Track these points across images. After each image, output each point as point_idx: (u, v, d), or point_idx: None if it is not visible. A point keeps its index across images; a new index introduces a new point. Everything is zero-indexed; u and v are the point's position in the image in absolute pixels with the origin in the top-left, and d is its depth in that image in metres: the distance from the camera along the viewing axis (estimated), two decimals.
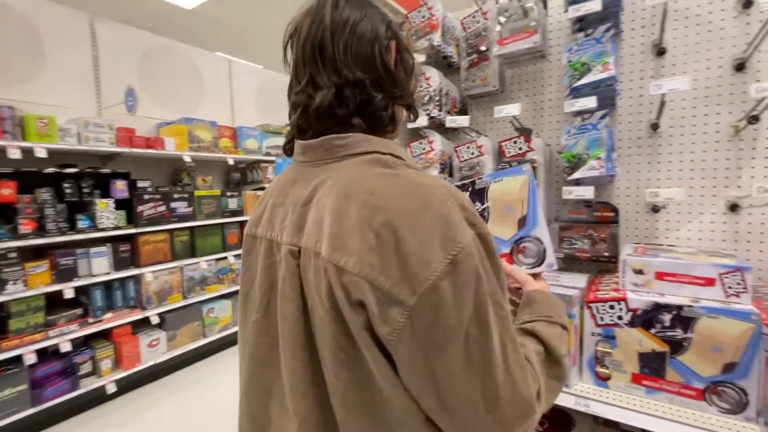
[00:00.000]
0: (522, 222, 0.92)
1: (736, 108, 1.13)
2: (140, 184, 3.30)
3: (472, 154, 1.44)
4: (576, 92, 1.14)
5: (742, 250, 1.14)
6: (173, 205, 3.27)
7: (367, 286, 0.46)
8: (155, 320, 3.14)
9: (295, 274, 0.54)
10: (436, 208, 0.47)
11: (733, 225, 1.16)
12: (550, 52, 1.39)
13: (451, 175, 1.49)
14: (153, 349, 3.09)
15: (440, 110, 1.42)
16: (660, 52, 1.22)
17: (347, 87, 0.56)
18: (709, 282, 0.91)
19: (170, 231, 3.26)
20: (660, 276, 0.96)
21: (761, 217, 1.12)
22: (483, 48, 1.42)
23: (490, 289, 0.48)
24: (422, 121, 1.42)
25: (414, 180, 0.50)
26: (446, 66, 1.59)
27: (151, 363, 3.06)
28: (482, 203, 0.96)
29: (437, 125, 1.48)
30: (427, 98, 1.42)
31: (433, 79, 1.42)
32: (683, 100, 1.20)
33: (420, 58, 1.41)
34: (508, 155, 1.35)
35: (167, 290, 3.26)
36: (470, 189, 0.97)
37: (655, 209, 1.25)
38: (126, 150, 3.01)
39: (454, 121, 1.35)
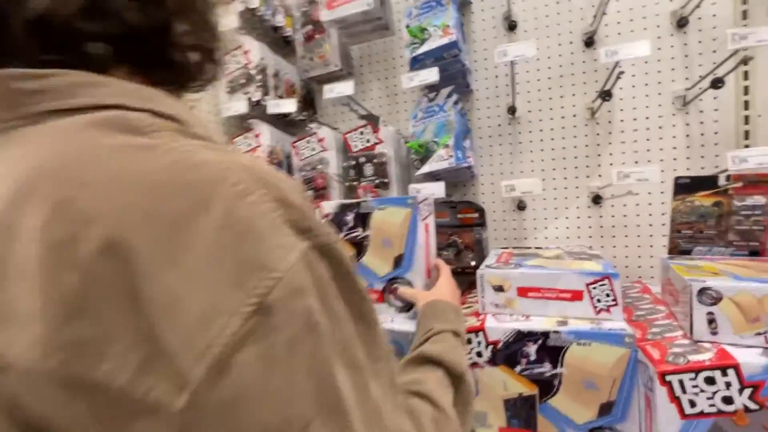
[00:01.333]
0: (398, 261, 0.79)
1: (590, 88, 1.01)
2: None
3: (313, 150, 1.13)
4: (417, 64, 0.90)
5: (608, 246, 1.02)
6: None
7: (61, 391, 0.21)
8: None
9: None
10: (222, 207, 0.24)
11: (597, 219, 1.03)
12: (400, 27, 1.16)
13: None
14: None
15: (265, 94, 1.09)
16: (511, 26, 1.05)
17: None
18: (577, 296, 0.71)
19: None
20: (522, 292, 0.75)
21: (623, 209, 1.00)
22: (319, 18, 1.13)
23: (341, 338, 0.27)
24: (240, 107, 1.07)
25: (185, 158, 0.26)
26: (283, 43, 1.27)
27: None
28: (363, 229, 0.82)
29: (277, 116, 1.15)
30: (244, 78, 1.08)
31: (253, 53, 1.08)
32: (538, 80, 1.05)
33: (232, 22, 1.06)
34: (354, 150, 1.07)
35: None
36: (355, 212, 0.83)
37: (521, 206, 1.07)
38: None
39: (277, 105, 1.03)
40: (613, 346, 0.67)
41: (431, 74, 0.86)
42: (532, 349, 0.71)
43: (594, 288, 0.70)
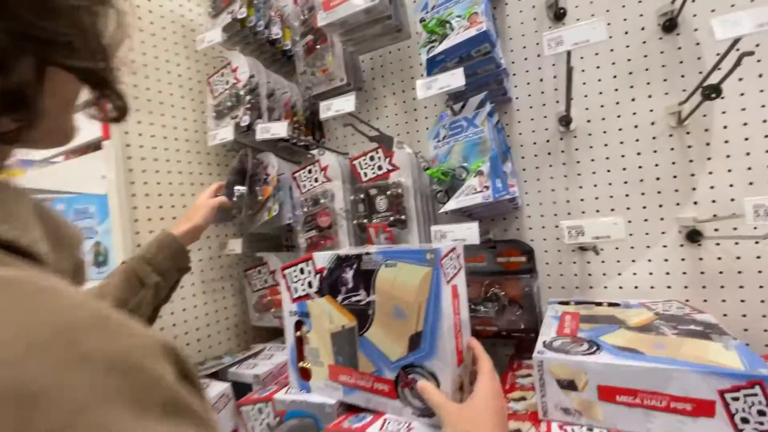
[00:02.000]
0: (416, 340, 0.55)
1: (673, 86, 0.75)
2: None
3: (316, 180, 0.93)
4: (436, 68, 0.68)
5: (714, 300, 0.73)
6: None
7: None
8: None
9: None
10: None
11: (696, 262, 0.74)
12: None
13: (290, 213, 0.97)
14: None
15: (256, 116, 0.91)
16: (558, 14, 0.82)
17: None
18: (704, 408, 0.44)
19: None
20: (608, 394, 0.49)
21: (735, 248, 0.71)
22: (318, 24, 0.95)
23: None
24: (225, 133, 0.90)
25: None
26: (284, 59, 1.10)
27: None
28: (367, 292, 0.60)
29: (277, 143, 0.97)
30: (232, 100, 0.91)
31: (241, 69, 0.91)
32: (599, 81, 0.80)
33: (215, 35, 0.90)
34: (364, 179, 0.86)
35: None
36: (354, 266, 0.62)
37: (584, 248, 0.81)
38: None
39: (266, 130, 0.84)
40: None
41: (455, 78, 0.64)
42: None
43: (734, 399, 0.43)
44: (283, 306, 0.72)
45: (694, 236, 0.73)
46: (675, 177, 0.75)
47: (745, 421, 0.42)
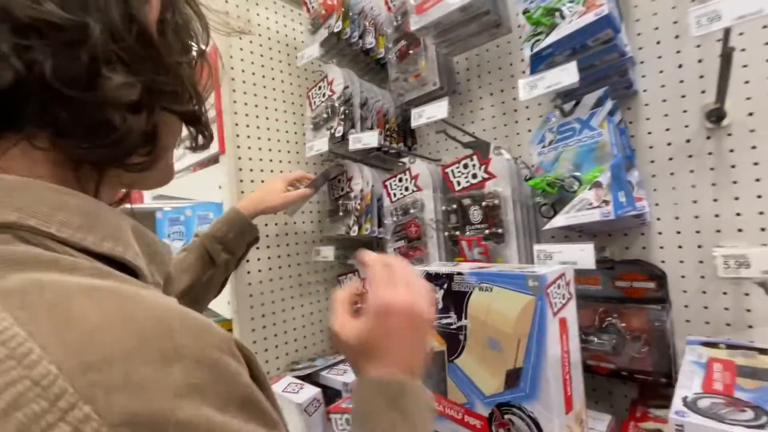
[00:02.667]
0: (514, 377, 0.48)
1: None
2: None
3: (406, 189, 0.91)
4: (542, 63, 0.60)
5: None
6: None
7: None
8: None
9: None
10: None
11: None
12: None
13: (380, 225, 0.96)
14: None
15: (350, 126, 0.93)
16: None
17: (23, 39, 0.21)
18: None
19: None
20: None
21: None
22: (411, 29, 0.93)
23: None
24: (320, 145, 0.93)
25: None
26: (378, 67, 1.11)
27: None
28: (459, 317, 0.55)
29: (369, 152, 0.98)
30: (327, 112, 0.94)
31: (336, 81, 0.94)
32: (767, 61, 0.62)
33: (313, 51, 0.94)
34: (457, 188, 0.81)
35: None
36: (444, 287, 0.57)
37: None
38: None
39: (359, 140, 0.85)
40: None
41: (566, 74, 0.55)
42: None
43: None
44: None
45: None
46: None
47: None
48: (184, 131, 0.33)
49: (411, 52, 0.94)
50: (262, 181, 1.01)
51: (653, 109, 0.72)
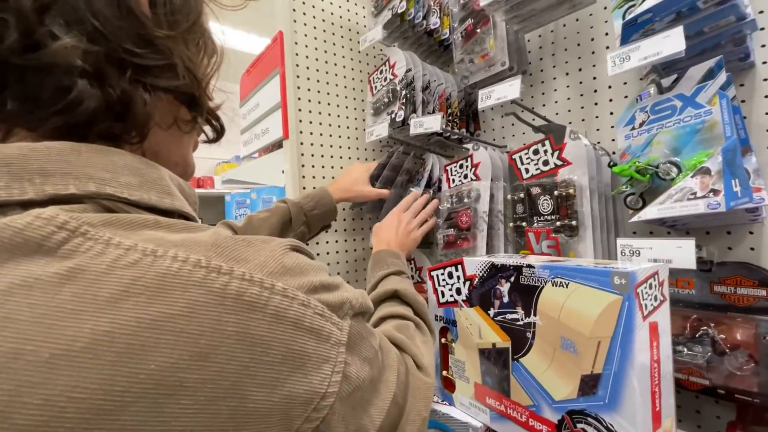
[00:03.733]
0: (590, 384, 0.44)
1: None
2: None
3: (465, 177, 0.87)
4: (636, 33, 0.52)
5: None
6: None
7: None
8: None
9: None
10: (234, 335, 0.20)
11: None
12: None
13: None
14: None
15: (411, 111, 0.90)
16: None
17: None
18: None
19: None
20: None
21: None
22: (480, 4, 0.87)
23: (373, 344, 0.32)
24: (381, 130, 0.91)
25: (130, 281, 0.19)
26: (442, 49, 1.06)
27: None
28: (526, 312, 0.50)
29: (429, 137, 0.95)
30: (388, 96, 0.91)
31: (398, 65, 0.91)
32: None
33: (376, 34, 0.92)
34: (525, 176, 0.76)
35: None
36: (512, 279, 0.53)
37: None
38: None
39: (420, 124, 0.81)
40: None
41: (670, 42, 0.47)
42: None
43: None
44: (429, 309, 0.69)
45: None
46: None
47: None
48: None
49: (478, 30, 0.89)
50: (323, 167, 1.02)
51: None
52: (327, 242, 1.03)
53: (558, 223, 0.70)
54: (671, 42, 0.46)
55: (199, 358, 0.18)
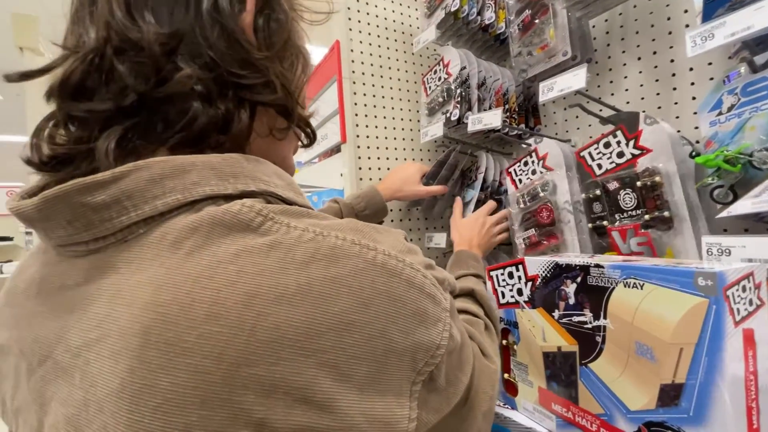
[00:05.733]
0: (671, 395, 0.40)
1: None
2: None
3: (533, 173, 0.83)
4: (721, 6, 0.47)
5: None
6: None
7: None
8: None
9: None
10: (383, 295, 0.26)
11: None
12: None
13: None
14: None
15: (467, 109, 0.88)
16: None
17: (123, 50, 0.28)
18: None
19: None
20: None
21: None
22: None
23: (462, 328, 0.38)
24: (435, 130, 0.91)
25: (315, 250, 0.26)
26: (498, 44, 1.04)
27: None
28: (595, 315, 0.48)
29: (486, 135, 0.93)
30: (443, 95, 0.91)
31: (453, 63, 0.91)
32: None
33: (429, 34, 0.92)
34: (598, 172, 0.71)
35: None
36: (578, 280, 0.50)
37: None
38: None
39: (478, 120, 0.80)
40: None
41: (760, 15, 0.41)
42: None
43: None
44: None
45: None
46: None
47: None
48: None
49: (537, 21, 0.85)
50: (379, 169, 1.05)
51: None
52: None
53: (647, 217, 0.63)
54: (764, 14, 0.41)
55: (363, 306, 0.25)
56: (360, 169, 1.02)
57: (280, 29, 0.34)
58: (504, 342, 0.65)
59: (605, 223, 0.68)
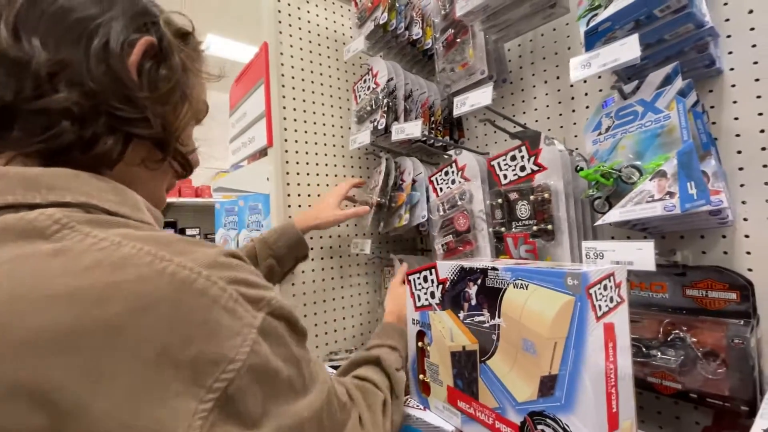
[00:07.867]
0: (548, 385, 0.44)
1: None
2: (189, 231, 3.37)
3: (453, 182, 0.87)
4: (600, 40, 0.53)
5: None
6: None
7: None
8: None
9: None
10: (165, 304, 0.27)
11: None
12: None
13: (420, 224, 0.94)
14: None
15: (393, 119, 0.91)
16: None
17: (21, 66, 0.31)
18: None
19: None
20: None
21: None
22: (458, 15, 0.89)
23: (295, 373, 0.34)
24: (364, 137, 0.93)
25: (103, 257, 0.27)
26: (426, 59, 1.08)
27: None
28: (491, 314, 0.51)
29: (413, 144, 0.97)
30: (371, 105, 0.93)
31: (381, 74, 0.93)
32: None
33: (359, 44, 0.94)
34: (504, 182, 0.76)
35: None
36: (479, 282, 0.53)
37: None
38: (173, 200, 3.10)
39: (402, 130, 0.83)
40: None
41: (625, 49, 0.48)
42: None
43: None
44: (407, 313, 0.69)
45: None
46: None
47: None
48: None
49: (458, 40, 0.90)
50: (308, 174, 1.04)
51: (742, 90, 0.61)
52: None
53: (535, 228, 0.70)
54: (627, 49, 0.47)
55: (140, 310, 0.25)
56: (288, 173, 1.00)
57: (168, 76, 0.37)
58: (420, 344, 0.67)
59: (503, 229, 0.74)
